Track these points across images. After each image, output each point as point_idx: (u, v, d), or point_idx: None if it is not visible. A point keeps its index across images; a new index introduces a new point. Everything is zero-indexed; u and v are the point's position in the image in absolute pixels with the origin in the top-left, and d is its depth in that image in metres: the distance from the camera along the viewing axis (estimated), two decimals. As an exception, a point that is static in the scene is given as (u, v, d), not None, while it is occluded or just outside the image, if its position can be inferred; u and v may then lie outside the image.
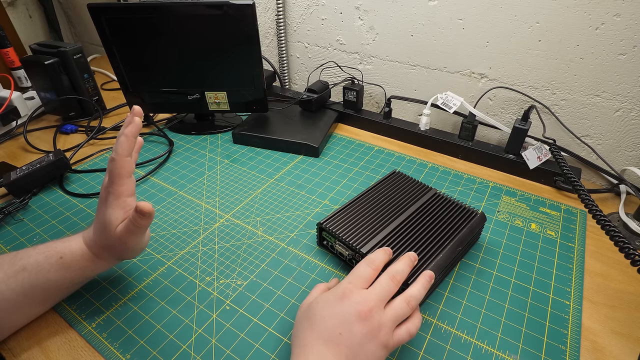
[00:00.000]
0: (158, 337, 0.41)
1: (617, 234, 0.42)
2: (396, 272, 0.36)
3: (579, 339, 0.41)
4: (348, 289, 0.34)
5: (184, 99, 0.75)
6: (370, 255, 0.39)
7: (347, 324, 0.32)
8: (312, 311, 0.34)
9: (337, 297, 0.34)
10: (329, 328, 0.32)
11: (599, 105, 0.62)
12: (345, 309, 0.33)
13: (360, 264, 0.37)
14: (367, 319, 0.32)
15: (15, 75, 0.99)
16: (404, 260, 0.38)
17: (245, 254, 0.51)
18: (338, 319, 0.32)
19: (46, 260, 0.39)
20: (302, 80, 0.96)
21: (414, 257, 0.40)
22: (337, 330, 0.32)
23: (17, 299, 0.38)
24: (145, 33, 0.67)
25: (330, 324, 0.32)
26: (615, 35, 0.56)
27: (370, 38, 0.79)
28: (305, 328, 0.34)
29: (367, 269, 0.36)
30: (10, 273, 0.38)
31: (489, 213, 0.58)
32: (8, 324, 0.40)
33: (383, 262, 0.38)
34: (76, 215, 0.57)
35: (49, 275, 0.39)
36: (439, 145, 0.73)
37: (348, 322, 0.32)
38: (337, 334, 0.32)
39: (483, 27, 0.66)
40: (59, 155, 0.63)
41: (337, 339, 0.31)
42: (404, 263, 0.38)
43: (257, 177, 0.66)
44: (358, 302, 0.33)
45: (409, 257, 0.39)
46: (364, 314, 0.32)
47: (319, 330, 0.32)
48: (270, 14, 0.89)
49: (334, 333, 0.32)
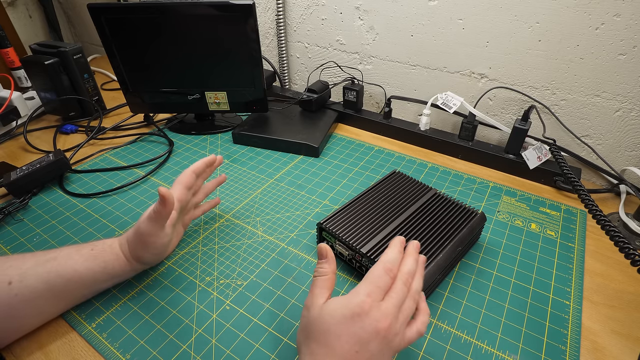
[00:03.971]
0: (158, 337, 0.41)
1: (617, 234, 0.42)
2: (408, 274, 0.34)
3: (579, 339, 0.41)
4: (367, 305, 0.31)
5: (184, 99, 0.75)
6: (386, 257, 0.35)
7: (365, 342, 0.30)
8: (325, 323, 0.32)
9: (354, 314, 0.31)
10: (345, 347, 0.30)
11: (599, 105, 0.62)
12: (363, 327, 0.31)
13: (378, 270, 0.33)
14: (386, 336, 0.31)
15: (15, 75, 0.99)
16: (412, 257, 0.36)
17: (245, 254, 0.51)
18: (355, 339, 0.30)
19: (77, 251, 0.42)
20: (302, 80, 0.96)
21: (417, 246, 0.37)
22: (354, 349, 0.30)
23: (40, 287, 0.39)
24: (145, 33, 0.67)
25: (347, 344, 0.30)
26: (615, 35, 0.56)
27: (370, 38, 0.79)
28: (317, 339, 0.31)
29: (386, 278, 0.33)
30: (41, 261, 0.40)
31: (489, 213, 0.58)
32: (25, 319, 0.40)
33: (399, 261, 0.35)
34: (76, 215, 0.57)
35: (75, 266, 0.40)
36: (439, 145, 0.73)
37: (366, 341, 0.30)
38: (353, 354, 0.30)
39: (483, 27, 0.66)
40: (59, 155, 0.63)
41: (353, 357, 0.30)
42: (412, 260, 0.36)
43: (257, 177, 0.66)
44: (377, 319, 0.31)
45: (415, 248, 0.37)
46: (383, 332, 0.31)
47: (333, 348, 0.30)
48: (270, 14, 0.89)
49: (351, 354, 0.30)
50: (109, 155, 0.72)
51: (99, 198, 0.61)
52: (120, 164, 0.69)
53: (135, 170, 0.68)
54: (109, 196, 0.62)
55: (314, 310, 0.33)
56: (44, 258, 0.40)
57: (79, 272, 0.40)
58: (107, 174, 0.67)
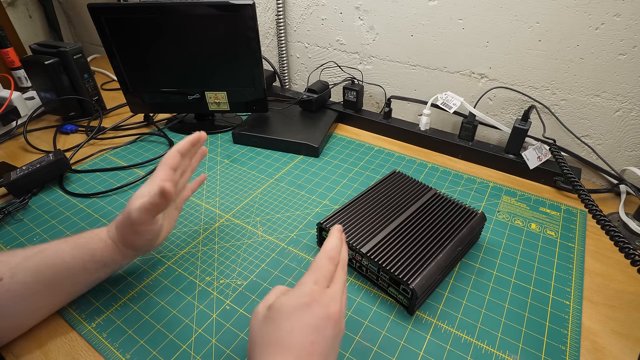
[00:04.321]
0: (158, 337, 0.41)
1: (617, 234, 0.42)
2: (344, 259, 0.35)
3: (579, 339, 0.41)
4: (315, 293, 0.31)
5: (184, 99, 0.75)
6: (328, 245, 0.35)
7: (320, 331, 0.29)
8: (275, 320, 0.30)
9: (303, 304, 0.30)
10: (300, 341, 0.29)
11: (599, 105, 0.62)
12: (315, 315, 0.30)
13: (322, 259, 0.33)
14: (338, 320, 0.31)
15: (15, 75, 0.99)
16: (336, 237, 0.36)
17: (245, 254, 0.51)
18: (309, 329, 0.29)
19: (65, 242, 0.41)
20: (302, 80, 0.96)
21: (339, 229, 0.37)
22: (310, 339, 0.29)
23: (30, 281, 0.38)
24: (145, 33, 0.67)
25: (301, 336, 0.29)
26: (615, 35, 0.56)
27: (370, 38, 0.79)
28: (269, 343, 0.30)
29: (331, 266, 0.33)
30: (30, 254, 0.40)
31: (489, 213, 0.58)
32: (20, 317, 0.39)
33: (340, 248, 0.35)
34: (76, 215, 0.57)
35: (63, 255, 0.40)
36: (439, 145, 0.73)
37: (320, 328, 0.30)
38: (309, 345, 0.29)
39: (483, 27, 0.66)
40: (59, 155, 0.63)
41: (310, 349, 0.29)
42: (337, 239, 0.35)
43: (257, 177, 0.66)
44: (327, 304, 0.30)
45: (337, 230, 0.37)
46: (335, 316, 0.30)
47: (288, 345, 0.29)
48: (270, 14, 0.89)
49: (306, 345, 0.29)
50: (109, 155, 0.72)
51: (99, 198, 0.61)
52: (120, 164, 0.69)
53: (135, 170, 0.68)
54: (109, 196, 0.62)
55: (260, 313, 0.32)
56: (32, 252, 0.40)
57: (66, 261, 0.40)
58: (107, 174, 0.67)
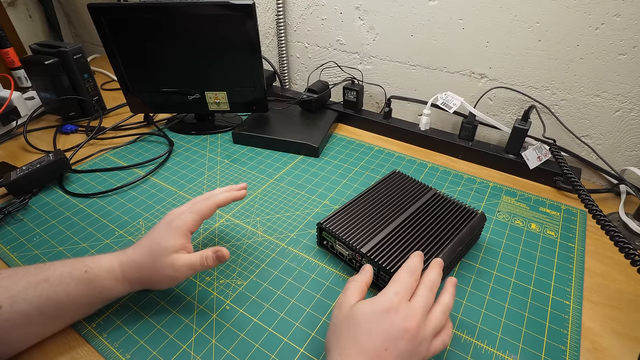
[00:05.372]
0: (158, 337, 0.41)
1: (617, 234, 0.42)
2: (433, 283, 0.36)
3: (579, 339, 0.41)
4: (395, 301, 0.33)
5: (184, 99, 0.75)
6: (409, 262, 0.38)
7: (394, 340, 0.31)
8: (355, 319, 0.33)
9: (384, 309, 0.33)
10: (375, 344, 0.31)
11: (599, 105, 0.62)
12: (392, 323, 0.32)
13: (403, 273, 0.36)
14: (414, 336, 0.32)
15: (15, 75, 0.99)
16: (437, 269, 0.38)
17: (245, 254, 0.51)
18: (384, 335, 0.31)
19: (70, 273, 0.38)
20: (302, 80, 0.96)
21: (441, 263, 0.40)
22: (383, 346, 0.31)
23: (31, 313, 0.36)
24: (145, 33, 0.67)
25: (376, 339, 0.31)
26: (615, 35, 0.56)
27: (370, 38, 0.79)
28: (347, 336, 0.32)
29: (411, 280, 0.35)
30: (33, 282, 0.37)
31: (489, 213, 0.58)
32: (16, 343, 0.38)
33: (421, 269, 0.37)
34: (76, 216, 0.57)
35: (68, 289, 0.38)
36: (439, 145, 0.73)
37: (394, 338, 0.31)
38: (382, 350, 0.31)
39: (483, 27, 0.66)
40: (59, 155, 0.63)
41: (382, 355, 0.31)
42: (437, 272, 0.37)
43: (257, 177, 0.66)
44: (405, 317, 0.32)
45: (439, 264, 0.39)
46: (412, 331, 0.31)
47: (363, 344, 0.31)
48: (270, 14, 0.89)
49: (379, 349, 0.31)
50: (109, 155, 0.72)
51: (99, 198, 0.61)
52: (120, 164, 0.69)
53: (135, 170, 0.68)
54: (109, 196, 0.62)
55: (345, 308, 0.34)
56: (36, 279, 0.37)
57: (71, 296, 0.38)
58: (107, 174, 0.67)
